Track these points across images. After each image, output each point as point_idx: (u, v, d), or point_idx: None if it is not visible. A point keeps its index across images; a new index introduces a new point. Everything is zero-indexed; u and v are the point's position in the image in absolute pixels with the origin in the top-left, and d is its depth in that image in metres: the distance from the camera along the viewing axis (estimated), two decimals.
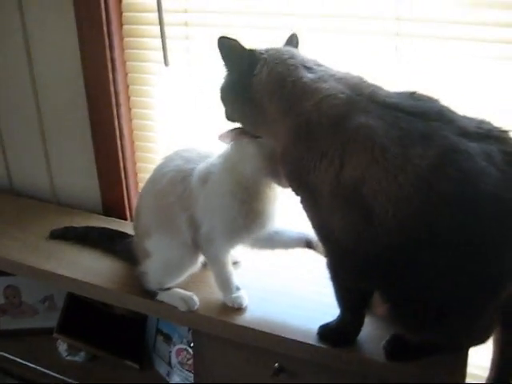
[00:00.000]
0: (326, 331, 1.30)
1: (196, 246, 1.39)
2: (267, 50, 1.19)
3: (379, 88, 1.10)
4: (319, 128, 1.07)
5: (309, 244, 1.41)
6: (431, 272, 1.01)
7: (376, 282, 1.13)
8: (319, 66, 1.16)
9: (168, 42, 1.59)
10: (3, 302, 2.04)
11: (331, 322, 1.30)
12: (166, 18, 1.57)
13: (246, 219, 1.32)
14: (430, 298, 1.05)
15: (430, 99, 1.06)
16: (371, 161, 1.00)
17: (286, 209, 1.37)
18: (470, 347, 1.23)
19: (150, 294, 1.45)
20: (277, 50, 1.20)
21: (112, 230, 1.74)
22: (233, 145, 1.31)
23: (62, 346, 1.97)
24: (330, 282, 1.22)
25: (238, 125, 1.28)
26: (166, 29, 1.57)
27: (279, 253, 1.45)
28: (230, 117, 1.28)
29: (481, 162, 0.95)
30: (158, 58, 1.62)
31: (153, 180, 1.43)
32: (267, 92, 1.16)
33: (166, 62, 1.61)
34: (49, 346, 1.99)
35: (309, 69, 1.14)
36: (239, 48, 1.19)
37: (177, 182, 1.36)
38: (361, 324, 1.27)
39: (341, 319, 1.28)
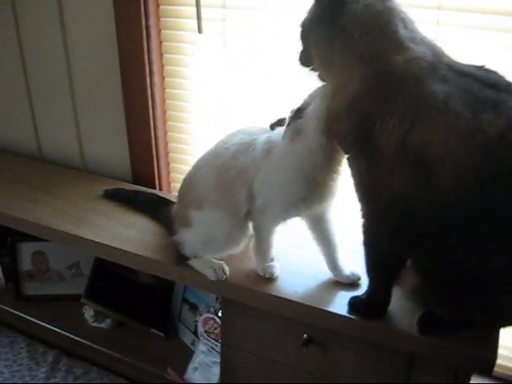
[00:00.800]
0: (356, 303, 1.30)
1: (248, 220, 1.39)
2: None
3: (451, 57, 1.09)
4: (402, 85, 1.05)
5: (338, 279, 1.41)
6: (480, 244, 1.01)
7: (416, 248, 1.13)
8: (410, 21, 1.12)
9: (204, 10, 1.57)
10: (31, 267, 2.08)
11: (362, 294, 1.31)
12: None
13: (307, 192, 1.30)
14: (470, 272, 1.05)
15: (497, 72, 1.05)
16: (444, 124, 1.00)
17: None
18: (505, 327, 1.23)
19: (183, 258, 1.46)
20: None
21: (160, 196, 1.77)
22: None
23: (89, 313, 2.00)
24: (364, 249, 1.22)
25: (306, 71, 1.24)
26: None
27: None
28: (306, 56, 1.23)
29: None
30: (194, 27, 1.60)
31: (214, 154, 1.41)
32: (361, 25, 1.10)
33: (199, 29, 1.60)
34: (75, 312, 2.02)
35: (404, 23, 1.11)
36: None
37: (240, 154, 1.35)
38: (389, 296, 1.27)
39: (370, 291, 1.29)
